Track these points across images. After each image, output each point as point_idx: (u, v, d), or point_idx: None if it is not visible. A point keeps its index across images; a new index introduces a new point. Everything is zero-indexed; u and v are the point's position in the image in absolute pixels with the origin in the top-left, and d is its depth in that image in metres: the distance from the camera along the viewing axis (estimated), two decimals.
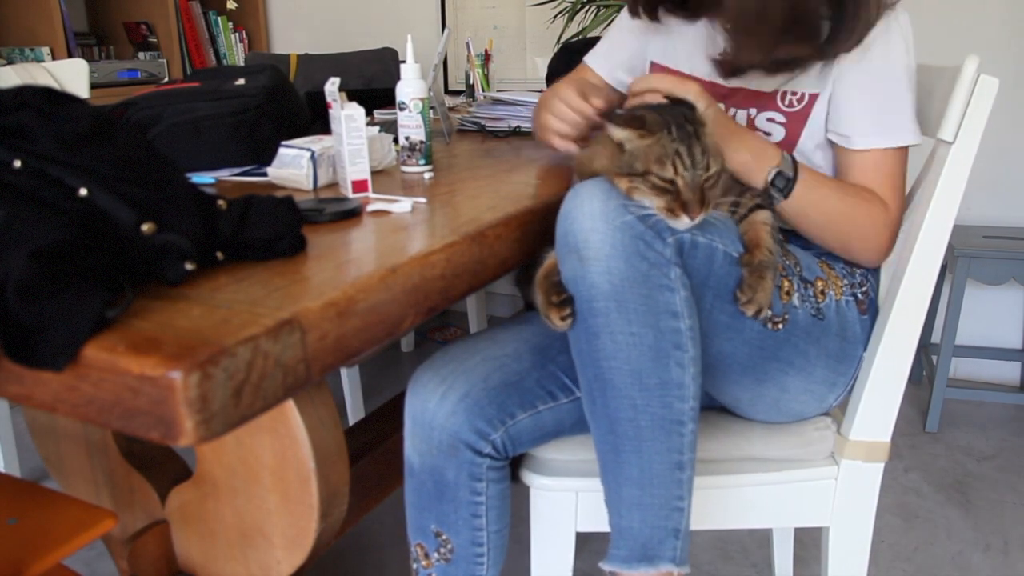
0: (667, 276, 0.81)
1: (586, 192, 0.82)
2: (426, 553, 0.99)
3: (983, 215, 2.27)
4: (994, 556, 1.60)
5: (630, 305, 0.80)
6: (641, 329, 0.81)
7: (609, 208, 0.80)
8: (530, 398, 0.97)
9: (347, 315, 0.65)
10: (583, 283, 0.81)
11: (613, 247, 0.79)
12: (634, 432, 0.83)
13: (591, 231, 0.80)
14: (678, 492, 0.85)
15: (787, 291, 0.94)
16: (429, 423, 0.94)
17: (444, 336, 2.75)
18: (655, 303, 0.81)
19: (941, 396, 2.07)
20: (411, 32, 1.25)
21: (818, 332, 0.97)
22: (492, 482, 0.96)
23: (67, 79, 1.83)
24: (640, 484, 0.84)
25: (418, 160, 1.15)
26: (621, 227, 0.79)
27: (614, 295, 0.80)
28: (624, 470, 0.84)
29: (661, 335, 0.81)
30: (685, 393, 0.83)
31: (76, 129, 0.66)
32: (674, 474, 0.84)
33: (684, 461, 0.85)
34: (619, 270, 0.79)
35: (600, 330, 0.82)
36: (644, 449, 0.83)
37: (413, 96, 1.11)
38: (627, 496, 0.85)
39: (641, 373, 0.81)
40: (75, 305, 0.56)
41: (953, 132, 0.94)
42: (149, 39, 3.01)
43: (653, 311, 0.81)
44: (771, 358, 0.95)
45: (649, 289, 0.80)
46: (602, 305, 0.81)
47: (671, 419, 0.83)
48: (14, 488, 0.94)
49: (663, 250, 0.81)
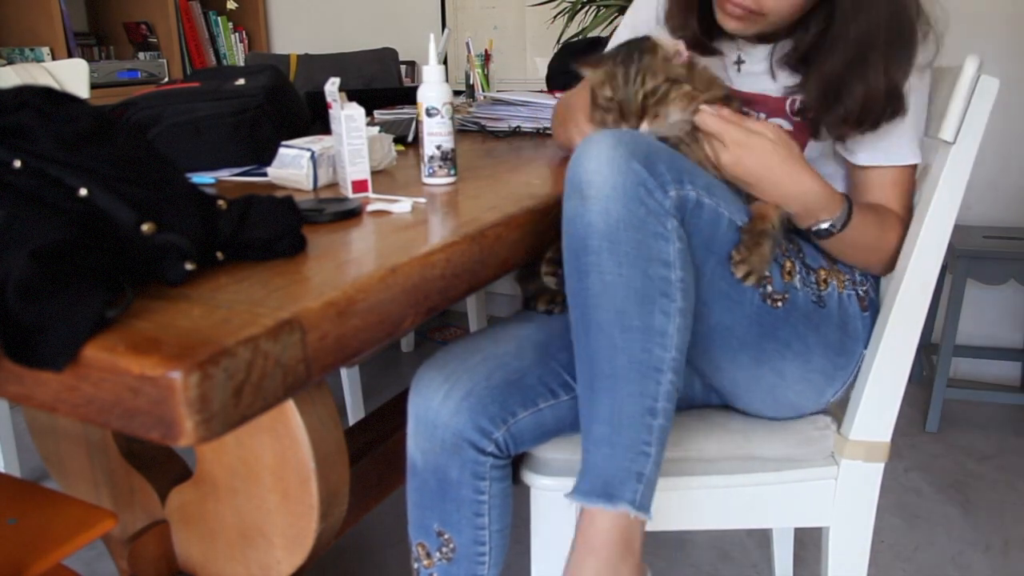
0: (663, 225, 0.83)
1: (597, 138, 0.84)
2: (428, 552, 0.99)
3: (983, 215, 2.27)
4: (994, 556, 1.60)
5: (622, 247, 0.82)
6: (630, 271, 0.82)
7: (616, 154, 0.82)
8: (532, 396, 0.97)
9: (347, 315, 0.65)
10: (580, 221, 0.83)
11: (614, 189, 0.81)
12: (610, 371, 0.84)
13: (595, 172, 0.82)
14: (646, 437, 0.85)
15: (789, 271, 0.95)
16: (432, 422, 0.94)
17: (444, 336, 2.75)
18: (647, 249, 0.82)
19: (941, 396, 2.07)
20: (411, 32, 1.24)
21: (818, 319, 0.98)
22: (495, 481, 0.96)
23: (67, 79, 1.83)
24: (610, 422, 0.85)
25: (449, 170, 1.06)
26: (625, 171, 0.81)
27: (608, 235, 0.82)
28: (597, 407, 0.86)
29: (649, 280, 0.82)
30: (667, 342, 0.84)
31: (76, 129, 0.66)
32: (644, 419, 0.85)
33: (657, 408, 0.85)
34: (616, 211, 0.81)
35: (590, 268, 0.83)
36: (618, 389, 0.84)
37: (444, 100, 1.03)
38: (596, 432, 0.86)
39: (624, 314, 0.83)
40: (75, 305, 0.56)
41: (953, 132, 0.94)
42: (149, 39, 3.01)
43: (644, 256, 0.82)
44: (769, 336, 0.96)
45: (644, 235, 0.82)
46: (595, 243, 0.82)
47: (649, 364, 0.84)
48: (14, 488, 0.94)
49: (663, 200, 0.83)
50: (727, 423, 1.04)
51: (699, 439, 1.02)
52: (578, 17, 2.33)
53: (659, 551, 1.61)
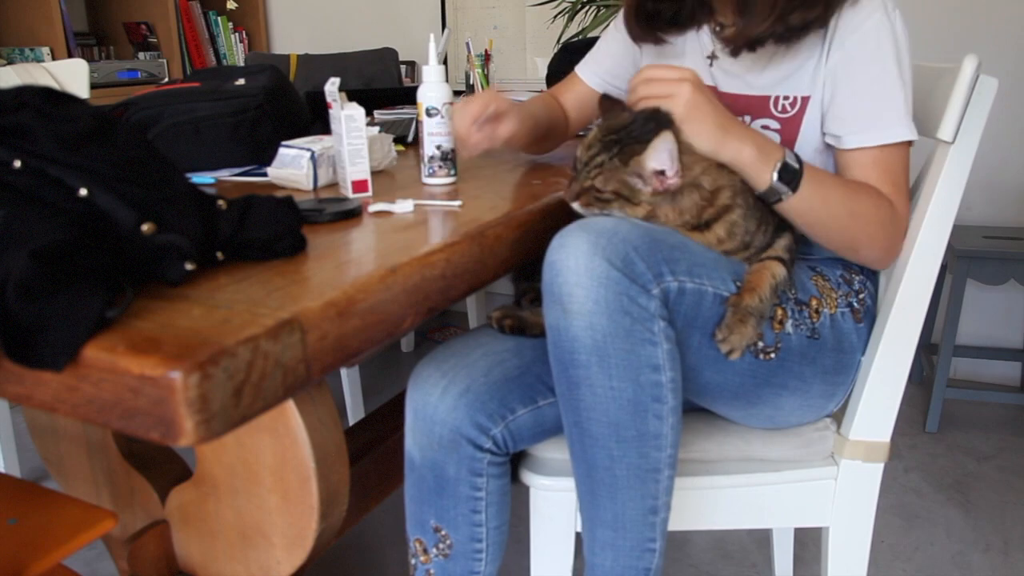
0: (650, 330, 0.81)
1: (572, 244, 0.81)
2: (424, 548, 1.00)
3: (983, 215, 2.27)
4: (994, 556, 1.60)
5: (612, 360, 0.81)
6: (621, 383, 0.81)
7: (594, 263, 0.79)
8: (531, 393, 0.97)
9: (347, 315, 0.65)
10: (566, 335, 0.82)
11: (596, 303, 0.79)
12: (610, 480, 0.85)
13: (575, 285, 0.80)
14: (651, 535, 0.87)
15: (780, 320, 0.93)
16: (430, 417, 0.94)
17: (444, 336, 2.75)
18: (636, 357, 0.81)
19: (941, 396, 2.07)
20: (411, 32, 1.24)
21: (814, 352, 0.96)
22: (492, 478, 0.96)
23: (67, 79, 1.83)
24: (613, 527, 0.86)
25: (449, 170, 1.08)
26: (605, 282, 0.79)
27: (596, 350, 0.80)
28: (599, 513, 0.87)
29: (641, 389, 0.82)
30: (662, 443, 0.84)
31: (76, 129, 0.66)
32: (647, 518, 0.86)
33: (659, 505, 0.86)
34: (602, 326, 0.80)
35: (580, 381, 0.82)
36: (619, 496, 0.85)
37: (444, 100, 1.04)
38: (600, 537, 0.87)
39: (619, 426, 0.83)
40: (75, 305, 0.56)
41: (953, 132, 0.94)
42: (149, 39, 3.01)
43: (634, 365, 0.81)
44: (764, 384, 0.95)
45: (632, 344, 0.81)
46: (584, 358, 0.81)
47: (647, 468, 0.84)
48: (14, 488, 0.94)
49: (647, 304, 0.81)
50: (727, 425, 1.04)
51: (699, 441, 1.02)
52: (578, 17, 2.33)
53: None
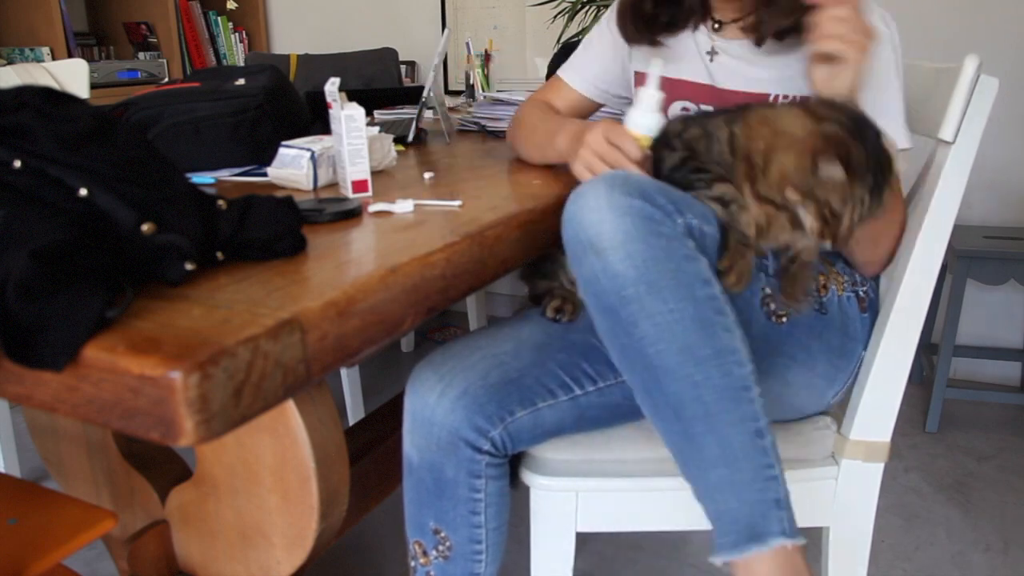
0: (687, 246, 0.80)
1: (587, 190, 0.82)
2: (424, 551, 1.00)
3: (983, 215, 2.27)
4: (994, 556, 1.60)
5: (660, 283, 0.78)
6: (679, 304, 0.78)
7: (614, 197, 0.79)
8: (530, 395, 0.97)
9: (347, 315, 0.65)
10: (606, 275, 0.79)
11: (627, 232, 0.78)
12: (703, 410, 0.78)
13: (601, 222, 0.78)
14: (766, 460, 0.80)
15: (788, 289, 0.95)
16: (428, 420, 0.94)
17: (444, 336, 2.75)
18: (685, 274, 0.79)
19: (941, 396, 2.07)
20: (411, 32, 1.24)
21: (820, 326, 0.98)
22: (491, 479, 0.96)
23: (67, 79, 1.83)
24: (726, 462, 0.79)
25: None
26: (630, 211, 0.78)
27: (642, 278, 0.78)
28: (704, 453, 0.79)
29: (700, 304, 0.79)
30: (741, 357, 0.80)
31: (76, 129, 0.66)
32: (756, 443, 0.79)
33: (762, 427, 0.80)
34: (640, 252, 0.78)
35: (636, 317, 0.78)
36: (718, 424, 0.78)
37: None
38: (715, 479, 0.80)
39: (692, 347, 0.78)
40: (75, 305, 0.56)
41: (953, 132, 0.94)
42: (149, 39, 3.01)
43: (685, 282, 0.79)
44: (775, 352, 0.96)
45: (675, 262, 0.78)
46: (632, 292, 0.78)
47: (736, 386, 0.79)
48: (14, 488, 0.94)
49: (675, 225, 0.81)
50: None
51: None
52: (578, 17, 2.33)
53: (659, 550, 1.61)
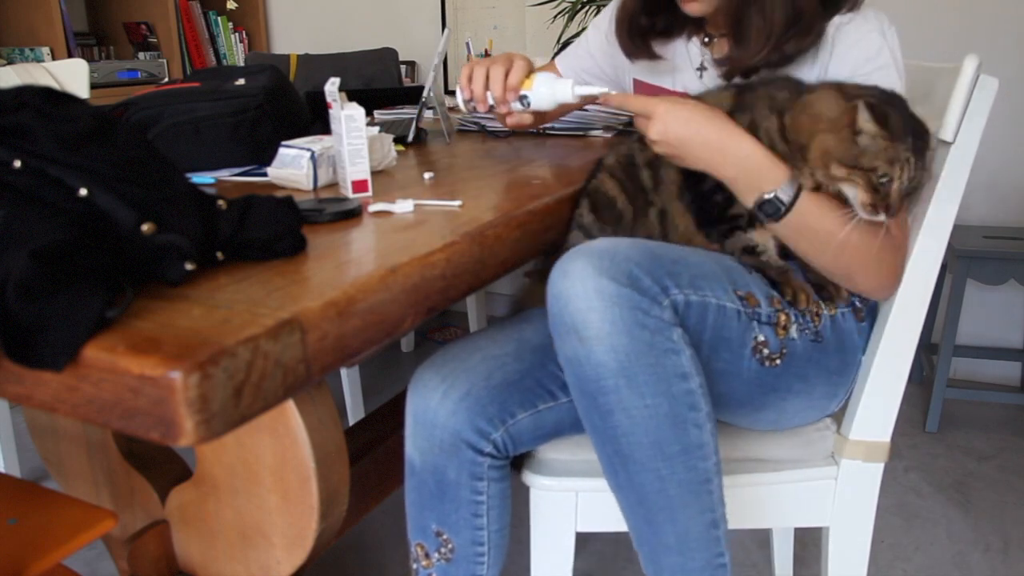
0: (670, 339, 0.81)
1: (575, 269, 0.80)
2: (426, 553, 0.99)
3: (983, 215, 2.27)
4: (994, 556, 1.60)
5: (640, 378, 0.79)
6: (655, 400, 0.80)
7: (602, 284, 0.79)
8: (531, 397, 0.97)
9: (347, 315, 0.65)
10: (588, 363, 0.80)
11: (613, 324, 0.78)
12: (665, 502, 0.83)
13: (588, 311, 0.79)
14: (718, 550, 0.85)
15: (784, 325, 0.93)
16: (431, 422, 0.94)
17: (444, 336, 2.75)
18: (664, 370, 0.80)
19: (941, 396, 2.07)
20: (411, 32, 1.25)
21: (818, 355, 0.96)
22: (493, 481, 0.96)
23: (67, 79, 1.83)
24: (681, 551, 0.84)
25: None
26: (617, 300, 0.78)
27: (622, 371, 0.79)
28: (662, 539, 0.85)
29: (675, 400, 0.81)
30: (707, 451, 0.83)
31: (76, 129, 0.66)
32: (711, 532, 0.85)
33: (717, 517, 0.85)
34: (623, 345, 0.79)
35: (613, 407, 0.81)
36: (678, 516, 0.83)
37: None
38: (668, 564, 0.85)
39: (662, 443, 0.81)
40: (75, 305, 0.56)
41: (953, 132, 0.94)
42: (149, 39, 3.01)
43: (663, 378, 0.80)
44: (770, 390, 0.95)
45: (656, 357, 0.80)
46: (611, 383, 0.80)
47: (698, 480, 0.83)
48: (14, 488, 0.94)
49: (661, 314, 0.80)
50: (727, 426, 1.04)
51: None
52: (578, 17, 2.33)
53: None
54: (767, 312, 0.92)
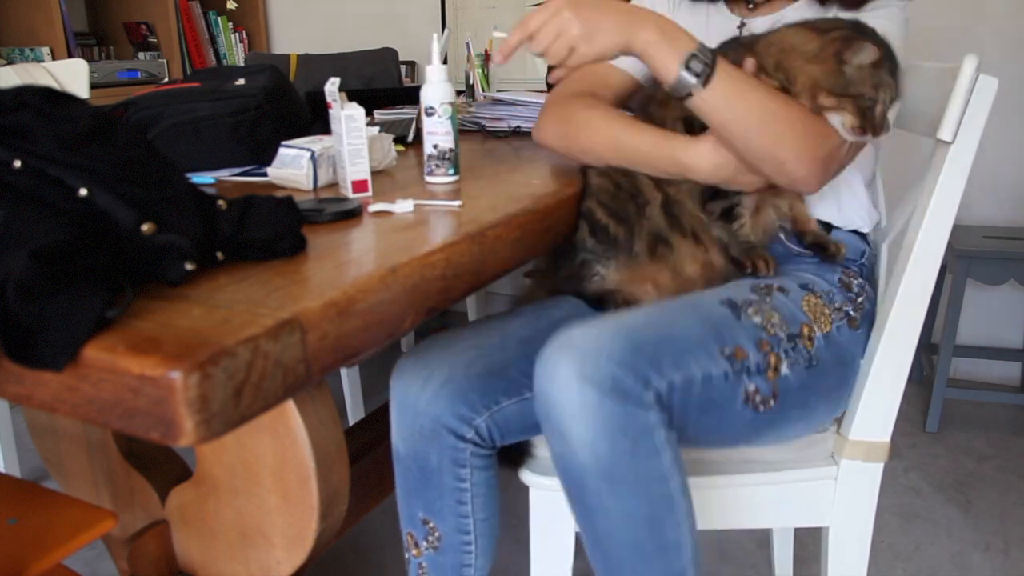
0: (652, 443, 0.81)
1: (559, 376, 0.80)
2: (416, 542, 1.00)
3: (983, 215, 2.27)
4: (994, 556, 1.60)
5: (620, 482, 0.81)
6: (634, 503, 0.82)
7: (585, 393, 0.78)
8: (515, 386, 0.97)
9: (347, 315, 0.65)
10: (572, 464, 0.81)
11: (596, 432, 0.79)
12: None
13: (572, 420, 0.79)
14: None
15: (775, 367, 0.91)
16: (412, 408, 0.95)
17: None
18: (644, 473, 0.81)
19: (941, 396, 2.07)
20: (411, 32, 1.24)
21: (814, 380, 0.95)
22: (476, 469, 0.96)
23: (67, 79, 1.83)
24: None
25: (447, 170, 1.08)
26: (598, 411, 0.78)
27: (603, 475, 0.81)
28: None
29: (653, 504, 0.82)
30: (683, 550, 0.84)
31: (76, 129, 0.66)
32: None
33: None
34: (605, 453, 0.80)
35: (595, 509, 0.83)
36: None
37: (442, 100, 1.05)
38: None
39: (638, 544, 0.83)
40: (75, 305, 0.56)
41: (952, 132, 0.94)
42: (149, 39, 3.01)
43: (643, 482, 0.81)
44: (767, 427, 0.95)
45: (637, 459, 0.80)
46: (593, 484, 0.81)
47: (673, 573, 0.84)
48: (14, 488, 0.95)
49: (645, 418, 0.80)
50: None
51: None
52: None
53: None
54: (755, 360, 0.89)
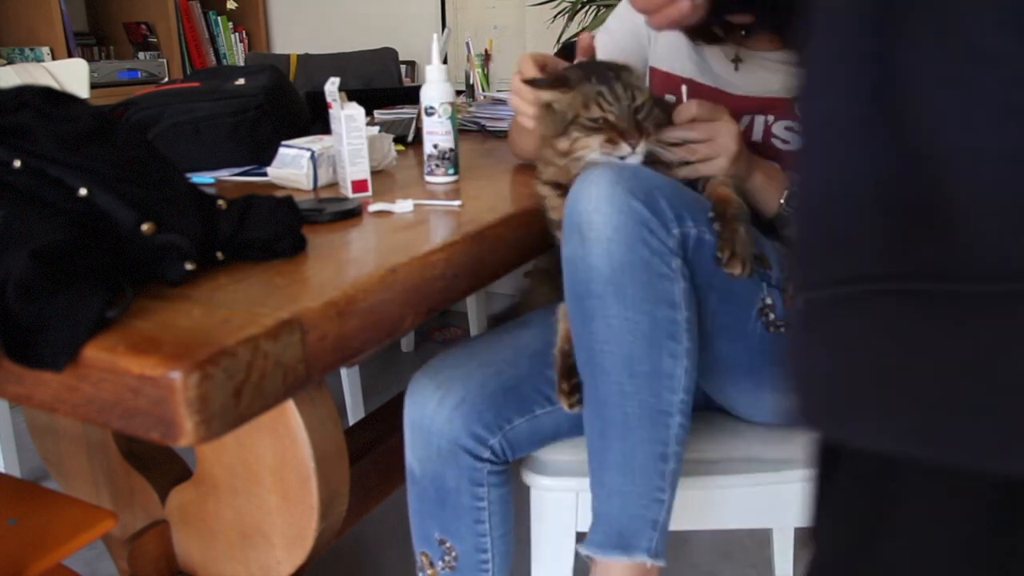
0: (668, 265, 0.80)
1: (596, 175, 0.81)
2: (431, 562, 0.99)
3: None
4: None
5: (628, 290, 0.79)
6: (636, 315, 0.80)
7: (616, 192, 0.78)
8: (528, 403, 0.96)
9: (347, 315, 0.65)
10: (582, 263, 0.80)
11: (615, 230, 0.78)
12: (621, 418, 0.82)
13: (595, 211, 0.79)
14: (660, 483, 0.84)
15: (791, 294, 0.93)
16: (428, 429, 0.94)
17: (444, 336, 2.75)
18: (653, 291, 0.80)
19: None
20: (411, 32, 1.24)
21: None
22: (493, 487, 0.96)
23: (67, 79, 1.83)
24: (622, 471, 0.84)
25: (447, 170, 1.09)
26: (626, 210, 0.78)
27: (612, 279, 0.79)
28: (608, 455, 0.84)
29: (656, 324, 0.80)
30: (675, 384, 0.82)
31: (76, 129, 0.66)
32: (657, 465, 0.83)
33: (669, 453, 0.84)
34: (619, 254, 0.78)
35: (595, 312, 0.81)
36: (629, 436, 0.83)
37: (442, 100, 1.06)
38: (609, 481, 0.85)
39: (632, 359, 0.81)
40: (75, 305, 0.56)
41: None
42: (149, 39, 3.01)
43: (651, 299, 0.80)
44: (773, 362, 0.95)
45: (649, 276, 0.79)
46: (599, 288, 0.80)
47: (659, 409, 0.82)
48: (14, 488, 0.95)
49: (666, 239, 0.80)
50: (727, 426, 1.04)
51: (700, 442, 1.02)
52: (578, 17, 2.33)
53: None
54: (777, 276, 0.91)
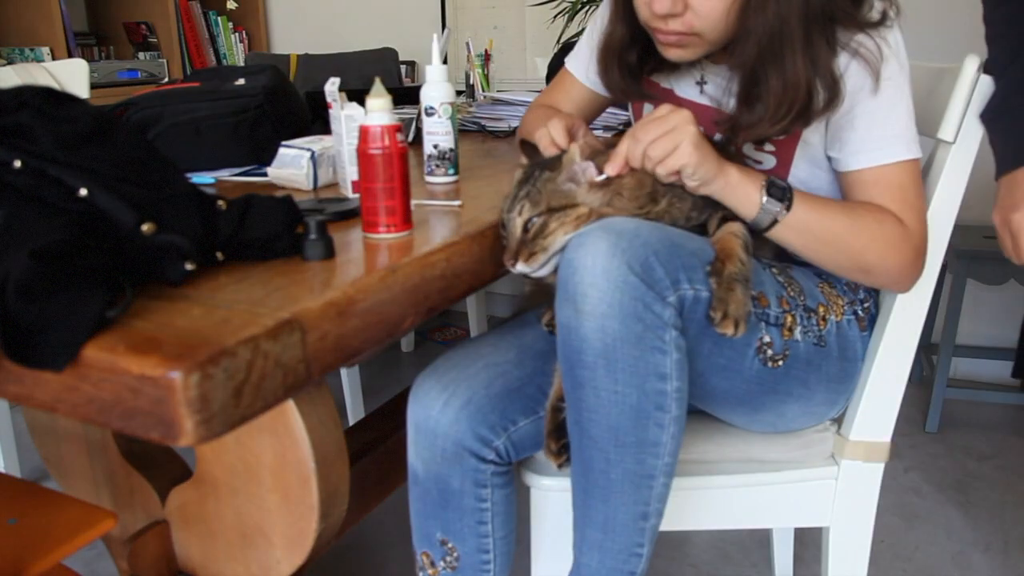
0: (661, 339, 0.80)
1: (591, 243, 0.79)
2: (432, 562, 0.99)
3: (983, 215, 2.26)
4: (994, 556, 1.60)
5: (618, 364, 0.79)
6: (625, 388, 0.80)
7: (613, 265, 0.78)
8: (532, 404, 0.96)
9: (347, 315, 0.65)
10: (576, 334, 0.80)
11: (610, 306, 0.78)
12: (604, 482, 0.84)
13: (590, 286, 0.78)
14: (639, 540, 0.86)
15: (789, 327, 0.92)
16: (432, 431, 0.94)
17: (444, 336, 2.75)
18: (644, 364, 0.80)
19: (941, 396, 2.06)
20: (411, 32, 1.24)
21: (819, 360, 0.96)
22: (497, 488, 0.96)
23: (67, 79, 1.83)
24: (603, 529, 0.85)
25: (447, 170, 1.09)
26: (622, 286, 0.77)
27: (604, 353, 0.79)
28: (590, 513, 0.86)
29: (645, 396, 0.81)
30: (660, 451, 0.83)
31: (76, 129, 0.66)
32: (638, 523, 0.86)
33: (650, 512, 0.86)
34: (613, 329, 0.78)
35: (585, 382, 0.81)
36: (611, 500, 0.84)
37: (442, 100, 1.06)
38: (589, 536, 0.87)
39: (619, 431, 0.82)
40: (75, 305, 0.56)
41: (953, 132, 0.94)
42: (149, 39, 3.01)
43: (640, 372, 0.80)
44: (769, 391, 0.95)
45: (641, 351, 0.79)
46: (591, 360, 0.80)
47: (642, 475, 0.83)
48: (14, 488, 0.94)
49: (662, 312, 0.79)
50: (727, 427, 1.04)
51: (699, 443, 1.02)
52: (578, 17, 2.33)
53: (659, 551, 1.61)
54: (775, 313, 0.91)
